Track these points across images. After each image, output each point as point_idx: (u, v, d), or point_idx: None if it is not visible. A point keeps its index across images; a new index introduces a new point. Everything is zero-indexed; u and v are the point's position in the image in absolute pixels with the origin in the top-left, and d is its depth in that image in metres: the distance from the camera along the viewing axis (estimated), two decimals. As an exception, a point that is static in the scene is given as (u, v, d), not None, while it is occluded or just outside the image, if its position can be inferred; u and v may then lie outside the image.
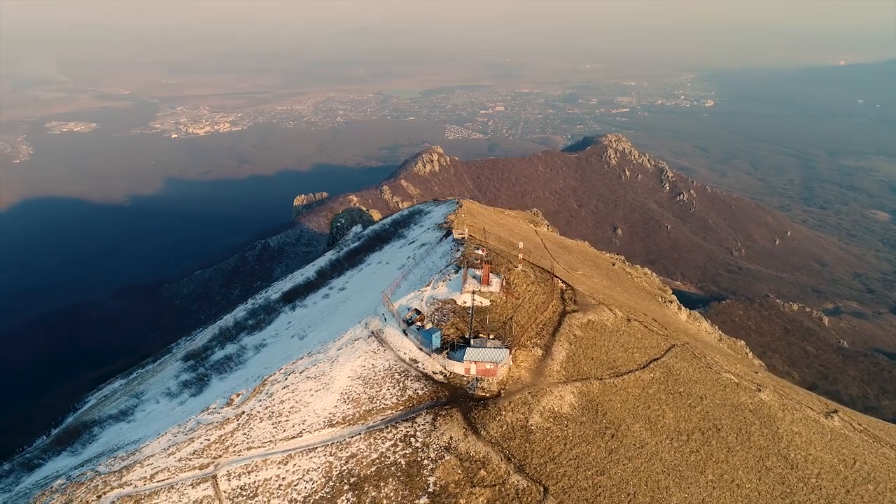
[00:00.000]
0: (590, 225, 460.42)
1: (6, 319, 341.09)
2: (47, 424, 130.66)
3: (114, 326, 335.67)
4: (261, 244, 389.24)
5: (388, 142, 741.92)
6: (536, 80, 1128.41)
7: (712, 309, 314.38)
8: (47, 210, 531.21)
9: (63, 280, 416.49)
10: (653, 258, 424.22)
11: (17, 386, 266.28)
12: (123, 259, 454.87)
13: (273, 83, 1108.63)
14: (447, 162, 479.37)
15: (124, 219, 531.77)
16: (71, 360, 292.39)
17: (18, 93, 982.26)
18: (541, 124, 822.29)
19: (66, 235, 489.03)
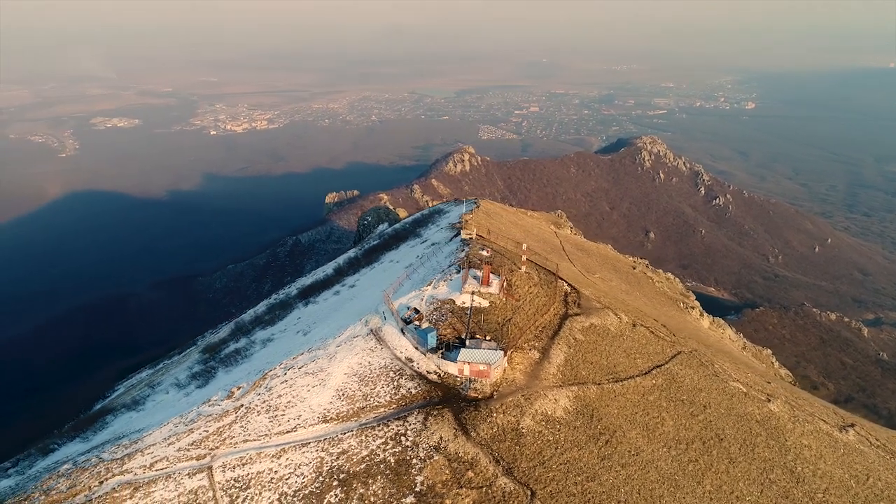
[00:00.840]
0: (621, 228, 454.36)
1: (50, 309, 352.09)
2: (78, 411, 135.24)
3: (150, 317, 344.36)
4: (292, 240, 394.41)
5: (421, 141, 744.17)
6: (572, 81, 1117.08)
7: (745, 316, 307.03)
8: (91, 204, 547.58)
9: (104, 271, 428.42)
10: (685, 263, 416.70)
11: (58, 372, 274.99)
12: (161, 252, 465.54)
13: (310, 82, 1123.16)
14: (478, 162, 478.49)
15: (164, 213, 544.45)
16: (109, 348, 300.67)
17: (67, 89, 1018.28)
18: (575, 125, 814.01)
19: (109, 228, 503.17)
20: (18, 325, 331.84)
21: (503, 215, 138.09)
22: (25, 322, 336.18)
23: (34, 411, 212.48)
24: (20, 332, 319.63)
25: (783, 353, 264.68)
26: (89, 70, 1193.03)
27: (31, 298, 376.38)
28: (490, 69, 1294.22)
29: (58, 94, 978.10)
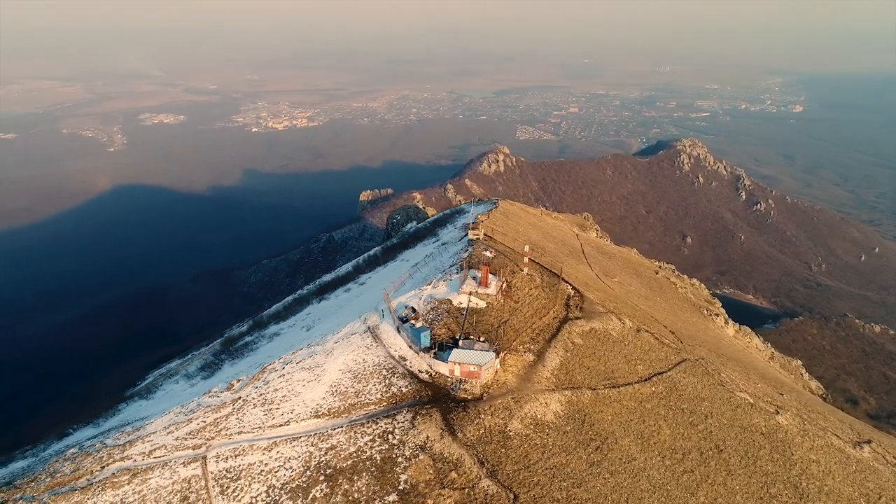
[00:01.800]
0: (657, 232, 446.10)
1: (95, 297, 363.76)
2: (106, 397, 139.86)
3: (188, 308, 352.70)
4: (326, 237, 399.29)
5: (458, 141, 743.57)
6: (613, 82, 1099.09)
7: (783, 325, 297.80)
8: (136, 197, 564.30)
9: (147, 263, 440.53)
10: (723, 269, 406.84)
11: (100, 359, 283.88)
12: (202, 246, 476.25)
13: (351, 80, 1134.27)
14: (513, 162, 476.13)
15: (205, 208, 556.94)
16: (148, 336, 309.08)
17: (117, 86, 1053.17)
18: (615, 127, 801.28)
19: (152, 221, 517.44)
20: (64, 314, 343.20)
21: (522, 216, 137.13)
22: (71, 310, 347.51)
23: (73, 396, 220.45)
24: (65, 320, 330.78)
25: (822, 365, 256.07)
26: (139, 68, 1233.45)
27: (77, 288, 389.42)
28: (530, 69, 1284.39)
29: (108, 90, 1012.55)
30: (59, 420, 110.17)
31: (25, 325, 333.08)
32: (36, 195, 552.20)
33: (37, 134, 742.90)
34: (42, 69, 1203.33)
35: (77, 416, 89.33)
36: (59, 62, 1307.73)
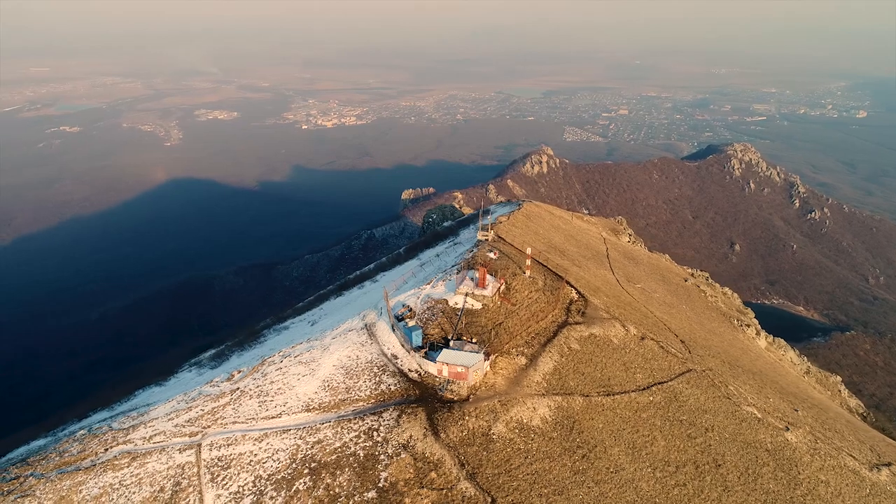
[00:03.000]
0: (704, 238, 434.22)
1: (146, 286, 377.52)
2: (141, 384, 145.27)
3: (231, 300, 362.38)
4: (366, 234, 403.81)
5: (504, 141, 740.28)
6: (665, 84, 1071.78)
7: (833, 340, 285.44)
8: (189, 190, 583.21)
9: (196, 254, 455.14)
10: (772, 279, 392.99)
11: (147, 346, 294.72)
12: (248, 239, 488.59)
13: (400, 80, 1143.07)
14: (556, 164, 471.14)
15: (254, 202, 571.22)
16: (192, 326, 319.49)
17: (175, 82, 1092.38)
18: (665, 130, 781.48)
19: (203, 214, 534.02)
20: (116, 301, 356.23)
21: (546, 219, 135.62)
22: (122, 298, 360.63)
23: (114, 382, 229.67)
24: (117, 308, 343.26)
25: (874, 383, 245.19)
26: (197, 66, 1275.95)
27: (130, 277, 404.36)
28: (580, 70, 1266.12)
29: (167, 87, 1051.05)
30: (95, 404, 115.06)
31: (80, 312, 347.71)
32: (96, 186, 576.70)
33: (100, 127, 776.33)
34: (108, 66, 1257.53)
35: (98, 401, 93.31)
36: (123, 59, 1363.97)
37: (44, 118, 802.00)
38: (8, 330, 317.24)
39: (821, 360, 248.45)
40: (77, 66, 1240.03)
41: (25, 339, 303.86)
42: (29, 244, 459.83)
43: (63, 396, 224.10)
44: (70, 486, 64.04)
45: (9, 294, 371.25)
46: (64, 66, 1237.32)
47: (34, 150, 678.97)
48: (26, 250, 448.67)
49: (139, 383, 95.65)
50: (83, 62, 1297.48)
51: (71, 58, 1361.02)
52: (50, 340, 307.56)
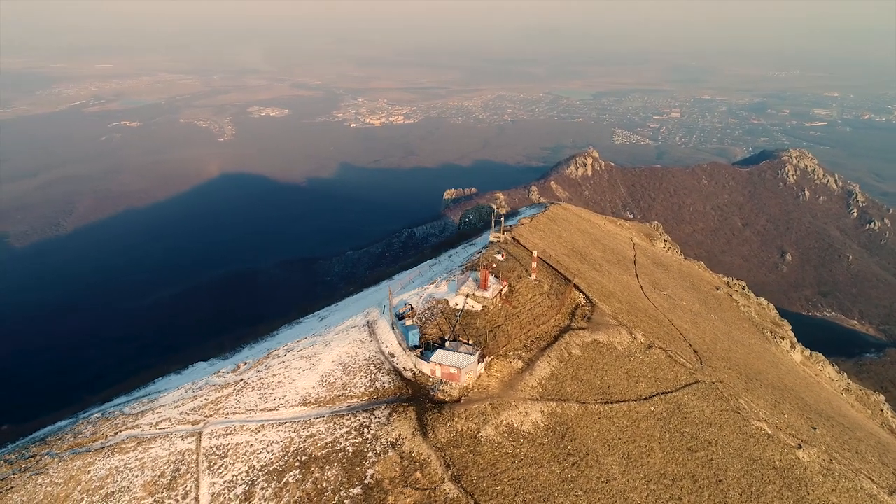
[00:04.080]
0: (753, 246, 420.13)
1: (194, 277, 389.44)
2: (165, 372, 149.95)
3: (274, 293, 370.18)
4: (407, 233, 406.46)
5: (551, 142, 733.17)
6: (721, 87, 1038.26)
7: (887, 356, 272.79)
8: (240, 185, 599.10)
9: (242, 247, 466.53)
10: (825, 290, 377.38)
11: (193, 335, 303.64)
12: (293, 233, 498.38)
13: (449, 79, 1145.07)
14: (601, 166, 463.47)
15: (300, 198, 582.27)
16: (235, 317, 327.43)
17: (231, 80, 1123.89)
18: (719, 134, 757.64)
19: (251, 208, 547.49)
20: (166, 290, 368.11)
21: (572, 221, 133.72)
22: (172, 287, 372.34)
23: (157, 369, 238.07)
24: (167, 296, 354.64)
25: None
26: (252, 64, 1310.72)
27: (180, 267, 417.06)
28: (632, 72, 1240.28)
29: (223, 84, 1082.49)
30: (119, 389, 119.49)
31: (133, 299, 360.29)
32: (152, 179, 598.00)
33: (158, 123, 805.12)
34: (169, 63, 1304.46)
35: (123, 386, 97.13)
36: (183, 57, 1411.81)
37: (107, 113, 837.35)
38: (68, 314, 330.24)
39: (873, 377, 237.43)
40: (140, 63, 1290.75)
41: (84, 324, 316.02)
42: (89, 232, 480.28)
43: (112, 380, 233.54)
44: (80, 466, 66.78)
45: (69, 279, 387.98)
46: (128, 63, 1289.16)
47: (97, 144, 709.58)
48: (86, 238, 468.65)
49: (161, 370, 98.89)
50: (146, 60, 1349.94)
51: (135, 55, 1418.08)
52: (105, 325, 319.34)
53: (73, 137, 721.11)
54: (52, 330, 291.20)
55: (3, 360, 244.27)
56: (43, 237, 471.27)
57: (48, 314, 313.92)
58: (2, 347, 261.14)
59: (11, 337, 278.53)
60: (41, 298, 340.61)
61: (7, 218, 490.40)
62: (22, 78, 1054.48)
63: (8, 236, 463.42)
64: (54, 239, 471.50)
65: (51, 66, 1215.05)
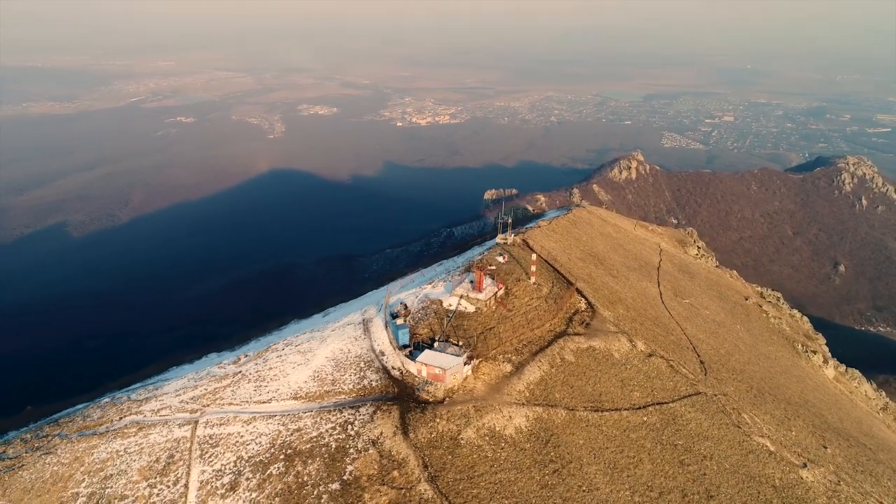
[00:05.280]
0: (804, 256, 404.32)
1: (237, 271, 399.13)
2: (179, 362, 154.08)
3: (312, 289, 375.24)
4: (446, 232, 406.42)
5: (597, 145, 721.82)
6: (777, 90, 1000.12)
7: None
8: (287, 181, 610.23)
9: (286, 241, 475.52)
10: (881, 304, 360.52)
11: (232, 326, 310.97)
12: (335, 230, 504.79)
13: (497, 79, 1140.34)
14: (646, 170, 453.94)
15: (344, 195, 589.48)
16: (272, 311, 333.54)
17: (282, 78, 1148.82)
18: (774, 139, 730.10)
19: (296, 204, 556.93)
20: (210, 282, 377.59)
21: (595, 225, 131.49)
22: (216, 280, 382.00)
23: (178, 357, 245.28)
24: (210, 289, 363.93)
25: None
26: (303, 62, 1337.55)
27: (225, 260, 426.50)
28: (685, 74, 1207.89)
29: (275, 82, 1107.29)
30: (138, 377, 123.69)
31: (180, 290, 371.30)
32: (203, 174, 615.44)
33: (212, 119, 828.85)
34: (224, 61, 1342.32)
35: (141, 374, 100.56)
36: (237, 56, 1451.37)
37: (164, 109, 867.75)
38: (116, 304, 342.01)
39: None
40: (196, 61, 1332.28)
41: (130, 313, 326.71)
42: (141, 224, 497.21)
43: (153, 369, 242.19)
44: (85, 448, 69.51)
45: (119, 269, 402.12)
46: (185, 61, 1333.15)
47: (153, 138, 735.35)
48: (138, 230, 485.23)
49: (177, 360, 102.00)
50: (202, 58, 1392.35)
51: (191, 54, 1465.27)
52: (150, 316, 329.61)
53: (132, 132, 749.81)
54: (100, 318, 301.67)
55: (48, 344, 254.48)
56: (99, 227, 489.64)
57: (97, 303, 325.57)
58: (50, 333, 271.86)
59: (61, 323, 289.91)
60: (92, 287, 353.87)
61: (68, 207, 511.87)
62: (86, 75, 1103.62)
63: (67, 225, 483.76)
64: (109, 229, 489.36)
65: (113, 63, 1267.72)
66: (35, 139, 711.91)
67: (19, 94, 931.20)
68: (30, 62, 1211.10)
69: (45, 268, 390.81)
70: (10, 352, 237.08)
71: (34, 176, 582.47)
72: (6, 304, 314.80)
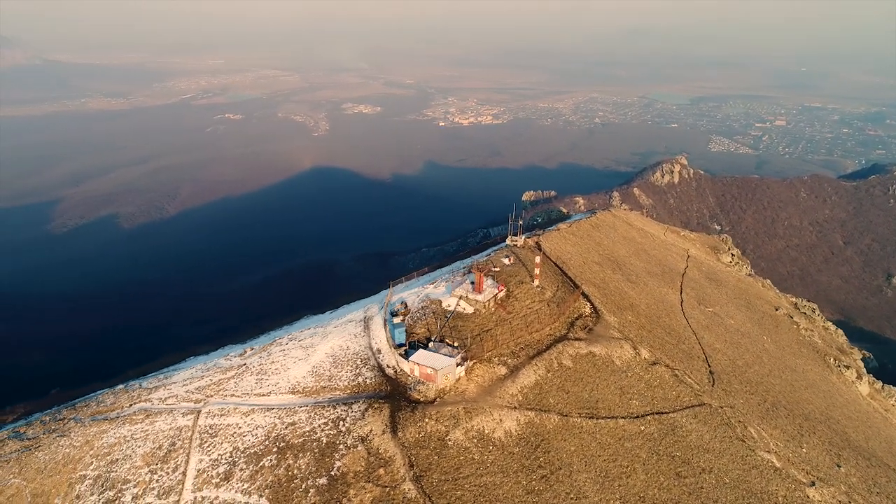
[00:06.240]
0: (855, 267, 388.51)
1: (276, 265, 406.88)
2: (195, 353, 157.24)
3: (348, 285, 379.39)
4: (483, 232, 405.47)
5: (642, 147, 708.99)
6: (833, 94, 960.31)
7: None
8: (329, 178, 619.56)
9: (325, 237, 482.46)
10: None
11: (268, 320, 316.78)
12: (373, 227, 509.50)
13: (541, 80, 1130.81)
14: (689, 174, 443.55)
15: (384, 193, 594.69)
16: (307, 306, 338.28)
17: (328, 77, 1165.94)
18: (828, 145, 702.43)
19: (337, 201, 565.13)
20: (249, 276, 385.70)
21: (619, 229, 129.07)
22: (255, 274, 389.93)
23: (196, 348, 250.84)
24: (249, 283, 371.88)
25: None
26: (349, 62, 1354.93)
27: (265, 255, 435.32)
28: (735, 76, 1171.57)
29: (320, 81, 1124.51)
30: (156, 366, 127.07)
31: (220, 283, 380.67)
32: (248, 170, 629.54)
33: (259, 116, 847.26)
34: (272, 60, 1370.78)
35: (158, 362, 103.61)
36: (285, 55, 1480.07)
37: (213, 106, 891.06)
38: (160, 294, 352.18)
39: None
40: (246, 59, 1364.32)
41: (173, 304, 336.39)
42: (187, 218, 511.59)
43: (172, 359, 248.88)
44: (96, 432, 71.97)
45: (164, 261, 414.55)
46: (236, 59, 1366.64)
47: (202, 134, 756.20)
48: (183, 223, 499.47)
49: (194, 350, 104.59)
50: (251, 56, 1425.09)
51: (241, 52, 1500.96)
52: (191, 307, 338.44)
53: (182, 128, 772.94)
54: (140, 308, 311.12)
55: (86, 332, 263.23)
56: (147, 220, 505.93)
57: (140, 293, 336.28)
58: (90, 321, 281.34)
59: (102, 311, 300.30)
60: (136, 277, 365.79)
61: (119, 200, 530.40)
62: (141, 72, 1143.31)
63: (118, 217, 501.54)
64: (157, 222, 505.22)
65: (168, 61, 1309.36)
66: (91, 133, 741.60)
67: (78, 90, 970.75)
68: (89, 59, 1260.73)
69: (93, 258, 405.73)
70: (51, 337, 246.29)
71: (89, 169, 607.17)
72: (53, 292, 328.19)
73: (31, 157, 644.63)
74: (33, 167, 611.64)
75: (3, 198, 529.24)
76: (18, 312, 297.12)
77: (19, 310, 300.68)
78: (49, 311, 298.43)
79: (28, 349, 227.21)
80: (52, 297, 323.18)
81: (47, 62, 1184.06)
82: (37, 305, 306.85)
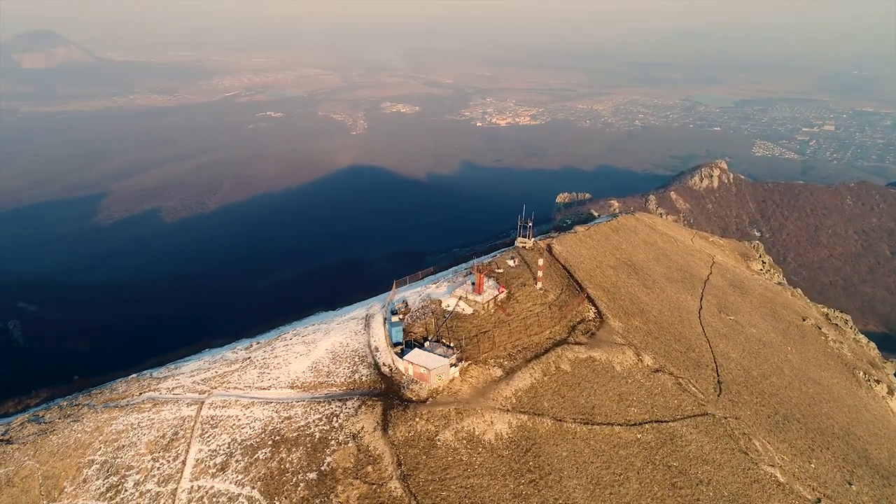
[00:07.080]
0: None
1: (311, 262, 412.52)
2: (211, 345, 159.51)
3: (379, 283, 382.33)
4: (514, 234, 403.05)
5: (683, 151, 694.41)
6: (887, 98, 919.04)
7: None
8: (366, 177, 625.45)
9: (360, 235, 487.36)
10: None
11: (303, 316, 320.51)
12: (407, 227, 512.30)
13: (581, 81, 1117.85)
14: (729, 179, 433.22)
15: (419, 192, 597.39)
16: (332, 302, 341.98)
17: (368, 76, 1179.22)
18: (879, 151, 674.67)
19: (373, 199, 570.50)
20: (286, 272, 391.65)
21: (641, 233, 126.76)
22: (291, 270, 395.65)
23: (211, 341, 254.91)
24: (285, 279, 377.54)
25: None
26: (389, 61, 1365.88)
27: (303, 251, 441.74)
28: (783, 79, 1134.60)
29: (360, 80, 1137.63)
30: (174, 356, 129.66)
31: (257, 278, 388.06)
32: (288, 167, 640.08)
33: (299, 114, 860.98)
34: (313, 59, 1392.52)
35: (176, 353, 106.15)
36: (326, 54, 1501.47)
37: (255, 103, 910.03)
38: (197, 287, 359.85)
39: None
40: (288, 58, 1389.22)
41: (211, 296, 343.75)
42: (227, 213, 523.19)
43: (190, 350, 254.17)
44: (106, 419, 74.26)
45: (204, 255, 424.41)
46: (278, 58, 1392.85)
47: (244, 131, 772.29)
48: (224, 218, 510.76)
49: (209, 343, 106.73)
50: (293, 56, 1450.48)
51: (283, 51, 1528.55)
52: (228, 301, 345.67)
53: (225, 125, 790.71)
54: (175, 301, 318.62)
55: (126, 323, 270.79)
56: (189, 214, 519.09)
57: (176, 285, 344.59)
58: (135, 312, 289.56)
59: (145, 303, 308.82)
60: (173, 270, 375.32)
61: (163, 194, 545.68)
62: (188, 70, 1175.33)
63: (161, 210, 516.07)
64: (198, 216, 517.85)
65: (214, 59, 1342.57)
66: (138, 130, 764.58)
67: (128, 86, 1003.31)
68: (140, 57, 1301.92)
69: (135, 251, 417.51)
70: (85, 326, 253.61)
71: (134, 163, 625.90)
72: (96, 282, 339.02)
73: (82, 151, 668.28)
74: (84, 161, 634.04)
75: (56, 191, 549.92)
76: (63, 304, 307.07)
77: (64, 301, 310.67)
78: (88, 300, 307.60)
79: (65, 337, 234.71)
80: (94, 286, 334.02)
81: (99, 60, 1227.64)
82: (76, 296, 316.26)
